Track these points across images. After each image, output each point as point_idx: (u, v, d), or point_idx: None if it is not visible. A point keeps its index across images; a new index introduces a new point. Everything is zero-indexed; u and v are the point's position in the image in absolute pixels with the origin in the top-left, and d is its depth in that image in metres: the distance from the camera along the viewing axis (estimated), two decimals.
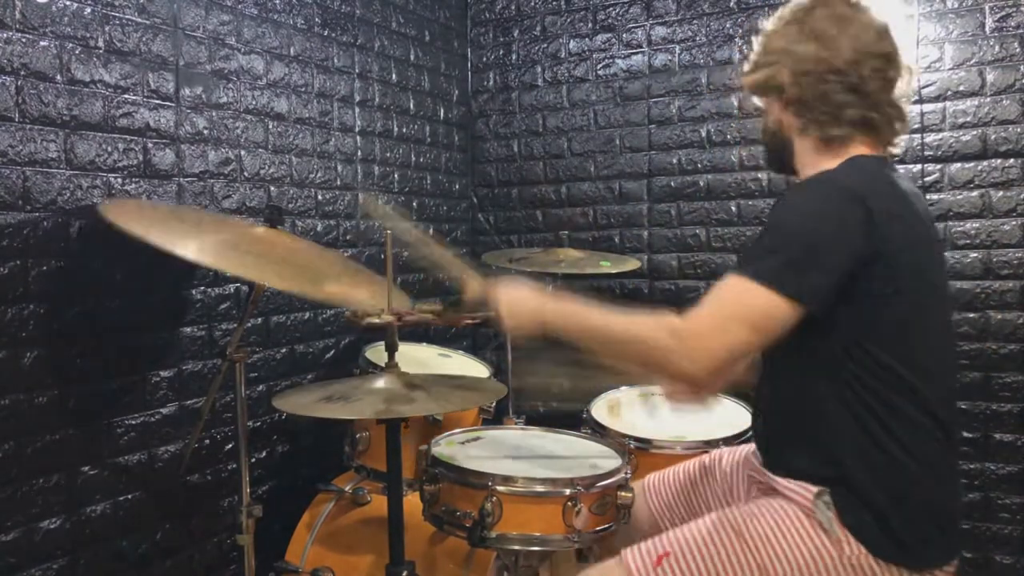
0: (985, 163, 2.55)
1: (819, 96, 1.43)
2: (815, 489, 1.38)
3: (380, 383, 1.55)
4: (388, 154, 2.86)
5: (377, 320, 1.55)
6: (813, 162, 1.47)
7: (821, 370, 1.36)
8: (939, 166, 2.60)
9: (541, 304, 1.46)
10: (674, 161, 3.00)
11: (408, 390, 1.53)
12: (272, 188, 2.37)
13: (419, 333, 2.89)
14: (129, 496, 1.97)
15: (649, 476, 1.83)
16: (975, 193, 2.56)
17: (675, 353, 1.29)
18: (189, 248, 1.58)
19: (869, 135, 1.45)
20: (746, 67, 1.56)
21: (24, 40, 1.74)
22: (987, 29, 2.53)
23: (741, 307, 1.28)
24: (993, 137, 2.54)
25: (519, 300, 1.49)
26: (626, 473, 1.68)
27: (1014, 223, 2.52)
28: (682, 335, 1.28)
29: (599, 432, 2.10)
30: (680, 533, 1.48)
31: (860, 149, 1.44)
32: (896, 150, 1.50)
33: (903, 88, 1.47)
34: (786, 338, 1.42)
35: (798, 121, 1.47)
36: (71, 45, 1.83)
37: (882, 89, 1.43)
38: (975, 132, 2.56)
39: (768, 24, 1.54)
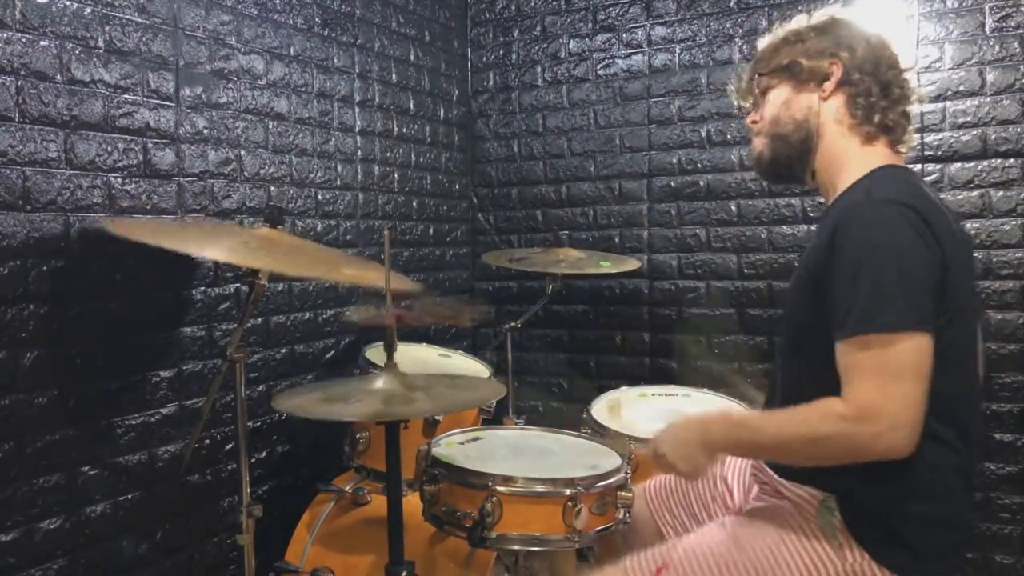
0: (985, 163, 2.55)
1: (884, 85, 1.45)
2: (821, 495, 1.37)
3: (380, 383, 1.55)
4: (388, 154, 2.86)
5: (376, 319, 1.54)
6: (844, 155, 1.47)
7: (838, 378, 1.30)
8: (939, 166, 2.60)
9: (705, 438, 1.43)
10: (674, 161, 3.00)
11: (408, 390, 1.53)
12: (272, 188, 2.37)
13: (419, 333, 2.89)
14: (129, 496, 1.97)
15: (650, 480, 1.83)
16: (975, 193, 2.56)
17: (866, 439, 1.22)
18: (217, 250, 1.64)
19: (903, 129, 1.49)
20: (783, 53, 1.53)
21: (24, 40, 1.74)
22: (987, 29, 2.53)
23: (890, 363, 1.22)
24: (993, 137, 2.54)
25: (683, 443, 1.44)
26: (626, 473, 1.68)
27: (1014, 223, 2.52)
28: (860, 417, 1.22)
29: (599, 432, 2.10)
30: (680, 544, 1.48)
31: (885, 147, 1.47)
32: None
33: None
34: (804, 346, 1.42)
35: (848, 107, 1.47)
36: (71, 45, 1.83)
37: (909, 94, 1.49)
38: (975, 132, 2.56)
39: (798, 24, 1.54)
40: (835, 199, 1.46)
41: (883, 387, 1.21)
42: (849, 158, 1.46)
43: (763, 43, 1.59)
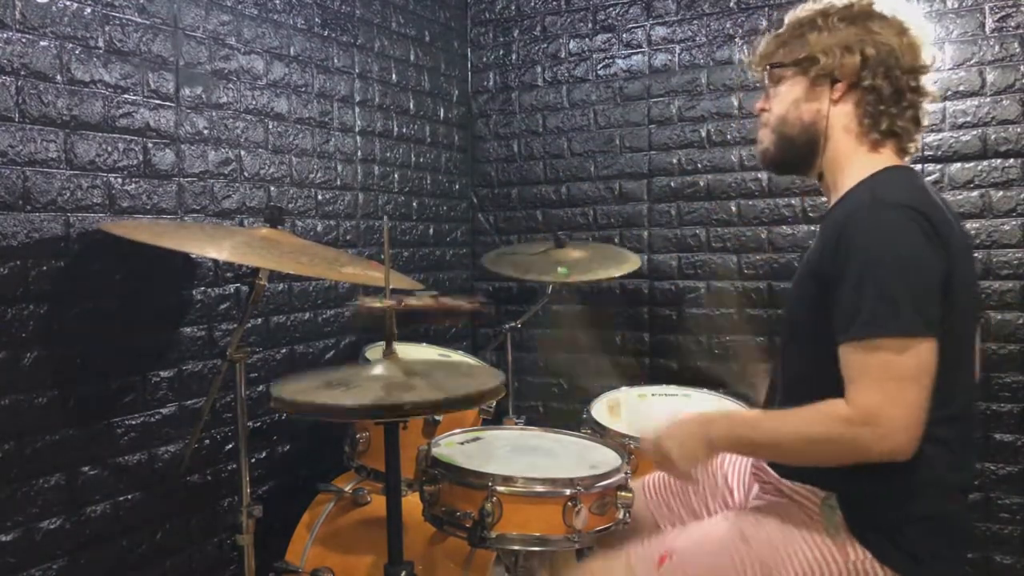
0: (985, 163, 2.55)
1: (897, 91, 1.42)
2: (822, 493, 1.37)
3: (379, 370, 1.52)
4: (388, 154, 2.86)
5: (377, 305, 1.53)
6: (849, 159, 1.46)
7: (839, 379, 1.30)
8: (939, 166, 2.60)
9: (706, 434, 1.41)
10: (674, 161, 3.00)
11: (406, 376, 1.51)
12: (272, 188, 2.37)
13: (419, 333, 2.89)
14: (129, 496, 1.97)
15: (648, 476, 1.83)
16: (975, 193, 2.56)
17: (868, 441, 1.22)
18: (222, 250, 1.64)
19: (911, 134, 1.46)
20: (789, 46, 1.50)
21: (24, 40, 1.74)
22: (987, 29, 2.53)
23: (896, 368, 1.22)
24: (993, 137, 2.54)
25: (685, 438, 1.43)
26: (626, 473, 1.68)
27: (1014, 223, 2.52)
28: (863, 421, 1.22)
29: (599, 432, 2.10)
30: (684, 534, 1.48)
31: (890, 151, 1.45)
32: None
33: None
34: (804, 344, 1.42)
35: (857, 113, 1.45)
36: (71, 45, 1.83)
37: (923, 96, 1.46)
38: (975, 132, 2.56)
39: (810, 11, 1.49)
40: (837, 201, 1.46)
41: (888, 391, 1.22)
42: (853, 162, 1.45)
43: (790, 17, 1.53)
